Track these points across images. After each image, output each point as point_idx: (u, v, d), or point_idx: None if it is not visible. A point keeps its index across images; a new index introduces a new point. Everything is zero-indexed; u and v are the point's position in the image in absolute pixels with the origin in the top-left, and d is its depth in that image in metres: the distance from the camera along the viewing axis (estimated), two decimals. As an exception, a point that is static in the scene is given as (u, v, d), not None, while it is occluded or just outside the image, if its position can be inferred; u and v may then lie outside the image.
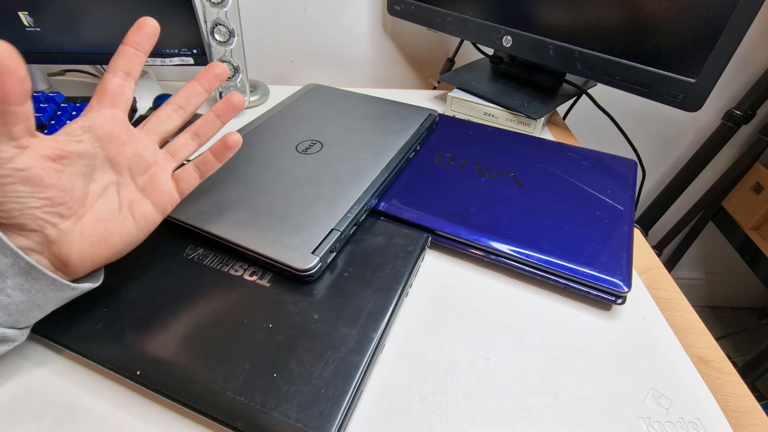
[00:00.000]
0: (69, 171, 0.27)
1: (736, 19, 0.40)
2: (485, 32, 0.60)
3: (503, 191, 0.43)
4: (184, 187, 0.32)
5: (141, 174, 0.30)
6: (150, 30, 0.30)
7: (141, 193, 0.30)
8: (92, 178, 0.28)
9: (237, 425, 0.26)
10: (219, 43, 0.56)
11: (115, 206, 0.29)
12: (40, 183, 0.25)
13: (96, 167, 0.29)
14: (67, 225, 0.27)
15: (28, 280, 0.25)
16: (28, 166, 0.24)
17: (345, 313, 0.31)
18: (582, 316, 0.36)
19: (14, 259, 0.25)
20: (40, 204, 0.25)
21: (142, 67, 0.30)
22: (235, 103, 0.33)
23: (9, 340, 0.27)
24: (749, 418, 0.31)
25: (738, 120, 0.85)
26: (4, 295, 0.25)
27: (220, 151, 0.32)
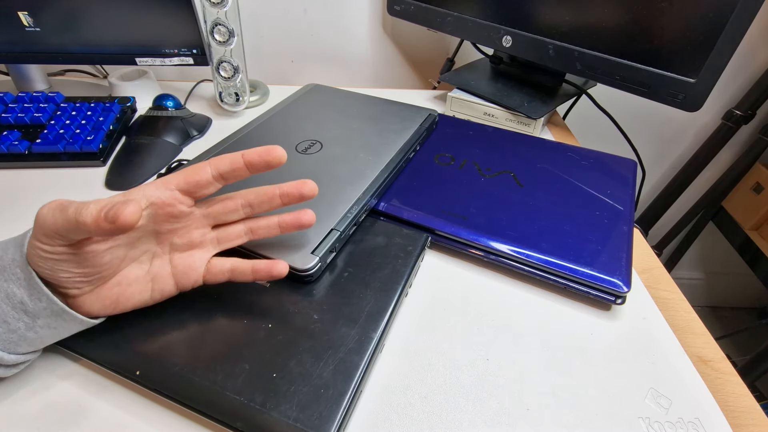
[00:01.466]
0: (112, 253, 0.26)
1: (736, 19, 0.40)
2: (485, 32, 0.60)
3: (503, 191, 0.43)
4: (210, 279, 0.30)
5: (181, 251, 0.30)
6: (273, 162, 0.29)
7: (171, 269, 0.30)
8: (135, 246, 0.28)
9: (237, 425, 0.26)
10: (219, 43, 0.56)
11: (142, 274, 0.29)
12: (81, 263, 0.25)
13: (142, 238, 0.28)
14: (90, 288, 0.27)
15: (57, 320, 0.26)
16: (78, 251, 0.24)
17: (344, 313, 0.31)
18: (582, 316, 0.36)
19: (48, 303, 0.25)
20: (73, 275, 0.25)
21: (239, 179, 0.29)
22: (303, 222, 0.31)
23: (25, 362, 0.28)
24: (749, 418, 0.31)
25: (738, 120, 0.85)
26: (32, 332, 0.26)
27: (260, 275, 0.30)
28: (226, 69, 0.58)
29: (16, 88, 0.64)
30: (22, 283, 0.25)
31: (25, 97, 0.55)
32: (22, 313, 0.25)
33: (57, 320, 0.26)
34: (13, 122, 0.52)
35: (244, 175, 0.29)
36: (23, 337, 0.26)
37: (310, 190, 0.30)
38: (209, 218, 0.30)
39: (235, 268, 0.30)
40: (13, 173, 0.49)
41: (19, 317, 0.25)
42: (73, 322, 0.27)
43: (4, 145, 0.49)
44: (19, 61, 0.61)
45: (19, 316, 0.25)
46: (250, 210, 0.31)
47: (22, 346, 0.26)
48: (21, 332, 0.25)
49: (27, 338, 0.26)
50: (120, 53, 0.59)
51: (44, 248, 0.24)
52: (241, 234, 0.31)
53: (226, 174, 0.28)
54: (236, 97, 0.61)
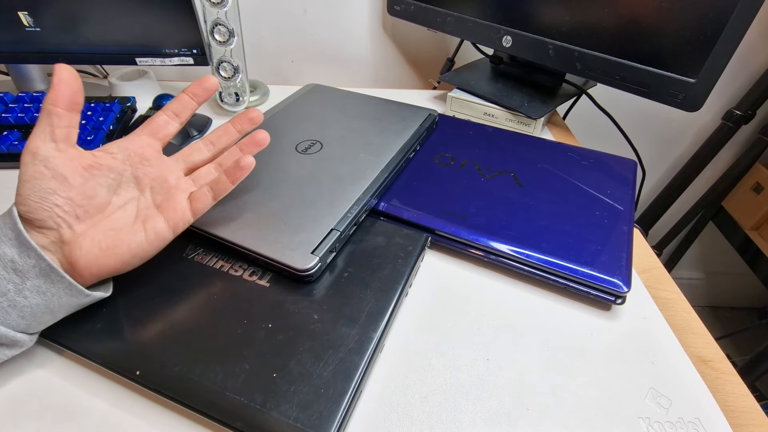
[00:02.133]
0: (96, 180, 0.29)
1: (736, 19, 0.40)
2: (485, 32, 0.60)
3: (503, 191, 0.43)
4: (197, 207, 0.32)
5: (161, 194, 0.33)
6: (209, 86, 0.35)
7: (157, 209, 0.32)
8: (116, 192, 0.31)
9: (237, 425, 0.26)
10: (219, 43, 0.56)
11: (131, 219, 0.31)
12: (65, 182, 0.28)
13: (122, 183, 0.31)
14: (82, 228, 0.28)
15: (46, 282, 0.27)
16: (59, 165, 0.27)
17: (345, 313, 0.31)
18: (582, 316, 0.36)
19: (37, 260, 0.26)
20: (61, 202, 0.27)
21: (193, 112, 0.35)
22: (258, 139, 0.35)
23: (18, 344, 0.28)
24: (749, 418, 0.31)
25: (738, 120, 0.85)
26: (21, 296, 0.26)
27: (233, 173, 0.32)
28: (226, 69, 0.58)
29: (16, 88, 0.64)
30: (13, 242, 0.26)
31: (25, 97, 0.55)
32: (12, 272, 0.26)
33: (46, 282, 0.26)
34: (13, 122, 0.52)
35: (191, 105, 0.34)
36: (13, 303, 0.26)
37: (255, 114, 0.36)
38: (179, 162, 0.34)
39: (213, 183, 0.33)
40: (13, 173, 0.49)
41: (9, 277, 0.26)
42: (61, 285, 0.27)
43: (4, 145, 0.49)
44: (19, 61, 0.61)
45: (9, 277, 0.26)
46: (212, 147, 0.35)
47: (12, 316, 0.26)
48: (10, 296, 0.26)
49: (16, 305, 0.26)
50: (120, 53, 0.59)
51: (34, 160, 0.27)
52: (212, 170, 0.35)
53: (176, 108, 0.34)
54: (236, 97, 0.61)
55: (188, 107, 0.34)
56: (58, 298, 0.27)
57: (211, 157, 0.35)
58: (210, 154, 0.35)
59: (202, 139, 0.36)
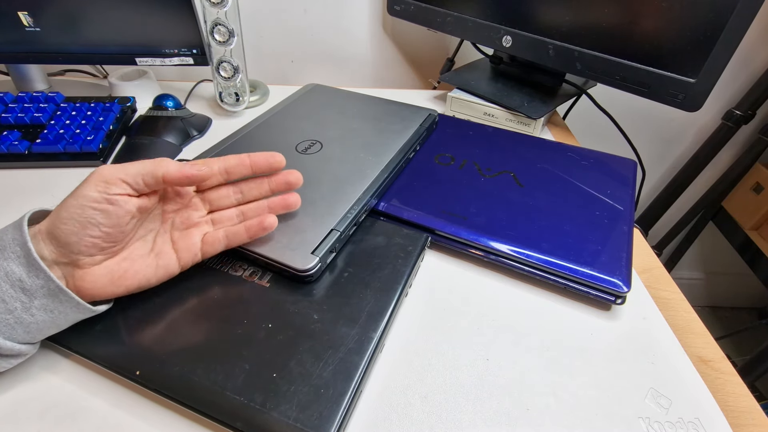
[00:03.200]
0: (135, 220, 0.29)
1: (736, 19, 0.40)
2: (485, 32, 0.60)
3: (503, 191, 0.43)
4: (208, 250, 0.33)
5: (180, 230, 0.33)
6: (274, 163, 0.34)
7: (171, 246, 0.32)
8: (143, 223, 0.31)
9: (237, 425, 0.26)
10: (219, 43, 0.56)
11: (147, 250, 0.31)
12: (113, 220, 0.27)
13: (150, 215, 0.32)
14: (100, 258, 0.28)
15: (54, 301, 0.26)
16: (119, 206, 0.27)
17: (345, 313, 0.31)
18: (582, 316, 0.36)
19: (45, 281, 0.26)
20: (98, 235, 0.27)
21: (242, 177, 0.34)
22: (290, 203, 0.34)
23: (22, 354, 0.28)
24: (749, 418, 0.31)
25: (738, 120, 0.85)
26: (29, 314, 0.26)
27: (254, 230, 0.33)
28: (226, 69, 0.58)
29: (16, 88, 0.64)
30: (21, 261, 0.25)
31: (25, 97, 0.55)
32: (19, 291, 0.25)
33: (54, 302, 0.26)
34: (13, 122, 0.52)
35: (246, 172, 0.34)
36: (19, 321, 0.26)
37: (295, 179, 0.35)
38: (205, 202, 0.34)
39: (230, 233, 0.33)
40: (13, 173, 0.49)
41: (17, 296, 0.25)
42: (69, 304, 0.27)
43: (4, 145, 0.49)
44: (19, 61, 0.61)
45: (16, 295, 0.25)
46: (241, 196, 0.35)
47: (18, 332, 0.26)
48: (17, 313, 0.25)
49: (23, 322, 0.26)
50: (120, 53, 0.59)
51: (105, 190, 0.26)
52: (233, 217, 0.34)
53: (231, 168, 0.33)
54: (236, 97, 0.61)
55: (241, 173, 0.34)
56: (65, 315, 0.27)
57: (236, 205, 0.35)
58: (236, 202, 0.35)
59: (233, 186, 0.34)
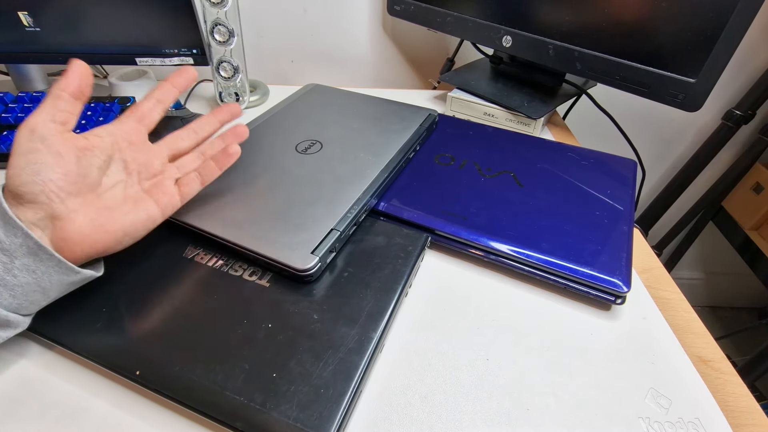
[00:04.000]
0: (88, 160, 0.30)
1: (736, 19, 0.40)
2: (485, 32, 0.60)
3: (503, 191, 0.43)
4: (186, 191, 0.34)
5: (148, 179, 0.33)
6: (189, 75, 0.36)
7: (146, 194, 0.33)
8: (106, 173, 0.31)
9: (236, 425, 0.26)
10: (219, 43, 0.56)
11: (121, 199, 0.32)
12: (61, 158, 0.28)
13: (111, 165, 0.32)
14: (75, 204, 0.28)
15: (35, 260, 0.26)
16: (56, 142, 0.28)
17: (344, 313, 0.31)
18: (582, 316, 0.36)
19: (24, 239, 0.26)
20: (55, 177, 0.27)
21: (174, 99, 0.36)
22: (239, 132, 0.37)
23: (12, 325, 0.27)
24: (749, 418, 0.31)
25: (738, 120, 0.85)
26: (11, 275, 0.26)
27: (221, 159, 0.35)
28: (226, 69, 0.58)
29: (16, 88, 0.64)
30: None
31: (25, 97, 0.55)
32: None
33: (35, 261, 0.26)
34: (13, 122, 0.52)
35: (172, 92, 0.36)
36: (2, 282, 0.26)
37: (236, 107, 0.38)
38: (164, 148, 0.35)
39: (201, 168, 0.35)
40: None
41: None
42: (50, 263, 0.27)
43: (4, 145, 0.49)
44: (19, 61, 0.60)
45: None
46: (195, 135, 0.37)
47: (4, 296, 0.26)
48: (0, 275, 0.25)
49: (6, 283, 0.26)
50: (120, 53, 0.59)
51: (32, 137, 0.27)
52: (194, 158, 0.36)
53: (159, 96, 0.35)
54: (236, 97, 0.61)
55: (170, 94, 0.36)
56: (49, 276, 0.27)
57: (193, 146, 0.37)
58: (192, 142, 0.36)
59: (185, 128, 0.37)
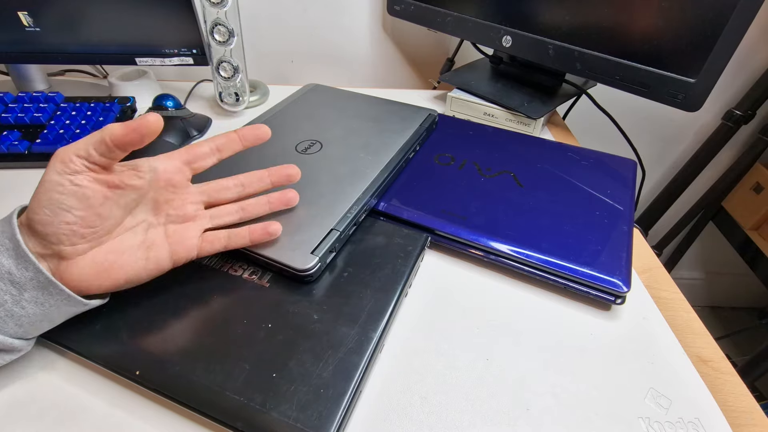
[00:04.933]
0: (115, 201, 0.28)
1: (736, 19, 0.40)
2: (485, 32, 0.60)
3: (503, 191, 0.43)
4: (206, 249, 0.32)
5: (175, 223, 0.32)
6: (262, 134, 0.34)
7: (165, 239, 0.31)
8: (132, 212, 0.30)
9: (236, 425, 0.26)
10: (219, 43, 0.56)
11: (137, 243, 0.30)
12: (84, 202, 0.26)
13: (140, 204, 0.30)
14: (84, 247, 0.28)
15: (45, 294, 0.26)
16: (83, 184, 0.26)
17: (344, 313, 0.31)
18: (581, 316, 0.36)
19: (35, 273, 0.25)
20: (72, 220, 0.26)
21: (235, 152, 0.33)
22: (289, 198, 0.35)
23: (16, 350, 0.28)
24: (749, 418, 0.31)
25: (738, 120, 0.85)
26: (19, 307, 0.26)
27: (258, 235, 0.33)
28: (226, 69, 0.58)
29: (16, 88, 0.64)
30: (10, 253, 0.25)
31: (25, 97, 0.55)
32: (9, 284, 0.25)
33: (44, 294, 0.26)
34: (13, 122, 0.52)
35: (237, 147, 0.33)
36: (10, 314, 0.25)
37: (294, 172, 0.36)
38: (204, 195, 0.33)
39: (232, 233, 0.32)
40: (13, 173, 0.49)
41: (6, 289, 0.25)
42: (59, 297, 0.27)
43: (4, 145, 0.49)
44: (19, 61, 0.61)
45: (6, 288, 0.25)
46: (241, 189, 0.34)
47: (10, 325, 0.26)
48: (8, 306, 0.25)
49: (14, 315, 0.26)
50: (120, 53, 0.59)
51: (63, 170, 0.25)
52: (233, 211, 0.34)
53: (221, 146, 0.33)
54: (236, 97, 0.61)
55: (233, 147, 0.33)
56: (57, 308, 0.27)
57: (236, 199, 0.34)
58: (236, 196, 0.34)
59: (234, 179, 0.34)
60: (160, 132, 0.27)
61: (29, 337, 0.28)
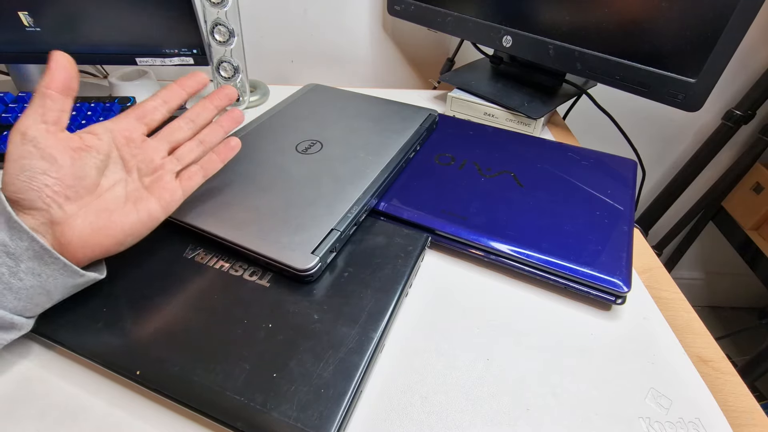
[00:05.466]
0: (84, 161, 0.29)
1: (736, 19, 0.40)
2: (485, 32, 0.60)
3: (503, 191, 0.43)
4: (188, 185, 0.33)
5: (148, 175, 0.33)
6: (200, 79, 0.35)
7: (147, 191, 0.32)
8: (104, 173, 0.31)
9: (237, 425, 0.26)
10: (219, 43, 0.56)
11: (121, 200, 0.31)
12: (55, 162, 0.27)
13: (109, 164, 0.31)
14: (73, 208, 0.28)
15: (40, 264, 0.26)
16: (49, 145, 0.27)
17: (345, 313, 0.31)
18: (582, 316, 0.36)
19: (30, 242, 0.26)
20: (51, 182, 0.27)
21: (182, 102, 0.35)
22: (236, 116, 0.37)
23: (16, 327, 0.27)
24: (749, 418, 0.31)
25: (738, 120, 0.85)
26: (17, 279, 0.26)
27: (223, 151, 0.35)
28: (226, 69, 0.58)
29: (16, 88, 0.64)
30: (2, 226, 0.25)
31: (25, 97, 0.55)
32: (4, 255, 0.25)
33: (40, 264, 0.26)
34: (13, 122, 0.52)
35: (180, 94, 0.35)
36: (8, 286, 0.26)
37: (231, 91, 0.37)
38: (163, 141, 0.34)
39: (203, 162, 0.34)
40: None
41: (2, 261, 0.25)
42: (55, 266, 0.27)
43: (4, 145, 0.49)
44: (19, 61, 0.60)
45: (1, 260, 0.25)
46: (192, 124, 0.35)
47: (8, 298, 0.26)
48: (5, 279, 0.25)
49: (12, 287, 0.26)
50: (120, 53, 0.59)
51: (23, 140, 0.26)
52: (194, 147, 0.35)
53: (166, 96, 0.34)
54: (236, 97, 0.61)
55: (177, 96, 0.35)
56: (54, 279, 0.27)
57: (191, 135, 0.35)
58: (190, 131, 0.35)
59: (181, 117, 0.35)
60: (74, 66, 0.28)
61: (28, 315, 0.28)
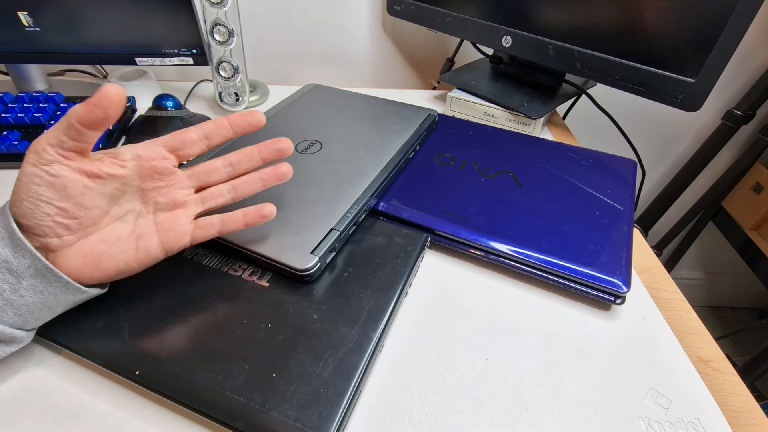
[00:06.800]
0: (97, 191, 0.27)
1: (736, 19, 0.40)
2: (485, 32, 0.60)
3: (503, 191, 0.43)
4: (199, 234, 0.31)
5: (165, 211, 0.30)
6: (254, 121, 0.32)
7: (155, 227, 0.30)
8: (118, 202, 0.29)
9: (236, 425, 0.26)
10: (218, 43, 0.56)
11: (126, 232, 0.29)
12: (64, 192, 0.26)
13: (126, 193, 0.29)
14: (71, 239, 0.27)
15: (43, 282, 0.26)
16: (60, 174, 0.26)
17: (344, 313, 0.31)
18: (581, 316, 0.36)
19: (32, 260, 0.25)
20: (53, 212, 0.26)
21: (225, 141, 0.32)
22: (282, 172, 0.33)
23: (16, 341, 0.27)
24: (748, 418, 0.31)
25: (738, 120, 0.85)
26: (18, 295, 0.26)
27: (251, 217, 0.31)
28: (226, 69, 0.58)
29: (16, 88, 0.64)
30: (6, 242, 0.25)
31: (25, 97, 0.55)
32: (6, 272, 0.25)
33: (42, 282, 0.26)
34: (13, 122, 0.52)
35: (227, 134, 0.31)
36: (9, 302, 0.25)
37: (286, 145, 0.33)
38: (192, 179, 0.31)
39: (225, 217, 0.31)
40: (14, 173, 0.49)
41: (4, 278, 0.25)
42: (57, 284, 0.26)
43: (4, 145, 0.49)
44: (19, 61, 0.61)
45: (4, 277, 0.25)
46: (231, 169, 0.32)
47: (9, 314, 0.26)
48: (6, 295, 0.25)
49: (13, 303, 0.26)
50: (120, 53, 0.59)
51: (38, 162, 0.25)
52: (224, 192, 0.32)
53: (210, 132, 0.31)
54: (236, 97, 0.61)
55: (222, 135, 0.31)
56: (55, 296, 0.27)
57: (226, 179, 0.32)
58: (227, 176, 0.32)
59: (222, 158, 0.32)
60: (124, 102, 0.26)
61: (29, 328, 0.28)
